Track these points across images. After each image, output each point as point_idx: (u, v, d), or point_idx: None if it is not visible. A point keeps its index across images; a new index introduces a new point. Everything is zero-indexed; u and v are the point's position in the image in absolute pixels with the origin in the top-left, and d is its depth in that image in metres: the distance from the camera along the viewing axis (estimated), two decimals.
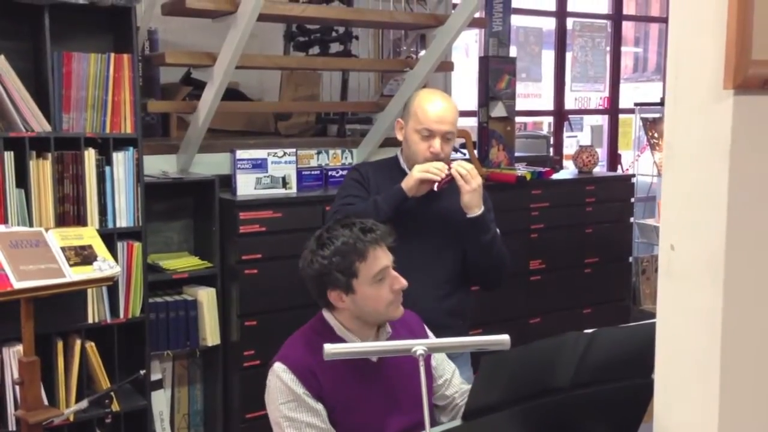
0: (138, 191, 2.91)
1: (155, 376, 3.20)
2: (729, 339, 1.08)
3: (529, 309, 3.93)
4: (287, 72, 3.94)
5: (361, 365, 1.88)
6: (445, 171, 2.25)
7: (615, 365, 1.48)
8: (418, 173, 2.25)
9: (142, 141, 2.92)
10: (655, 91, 6.40)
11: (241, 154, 3.28)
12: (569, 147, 5.64)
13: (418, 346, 1.48)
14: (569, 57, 5.70)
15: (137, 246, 2.93)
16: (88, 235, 2.56)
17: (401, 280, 1.90)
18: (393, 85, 4.04)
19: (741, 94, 1.05)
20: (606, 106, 6.01)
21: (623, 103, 5.98)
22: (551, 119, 5.76)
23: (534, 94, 5.88)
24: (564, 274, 4.04)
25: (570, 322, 3.79)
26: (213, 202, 3.19)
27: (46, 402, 2.61)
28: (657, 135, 5.07)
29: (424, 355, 1.46)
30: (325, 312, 1.95)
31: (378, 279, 1.86)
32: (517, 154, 4.26)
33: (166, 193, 3.27)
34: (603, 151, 5.88)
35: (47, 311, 2.59)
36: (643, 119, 5.22)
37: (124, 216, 2.89)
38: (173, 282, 3.20)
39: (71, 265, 2.41)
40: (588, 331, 1.41)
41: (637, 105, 5.41)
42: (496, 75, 4.01)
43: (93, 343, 2.86)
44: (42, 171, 2.72)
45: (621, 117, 5.99)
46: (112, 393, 2.77)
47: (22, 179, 2.68)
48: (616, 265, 4.30)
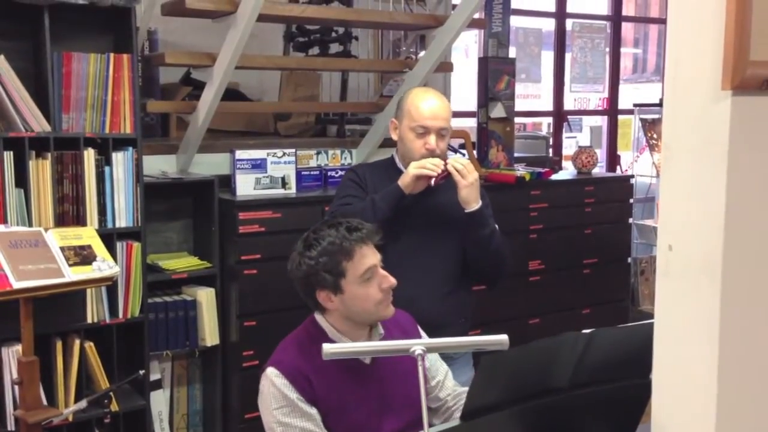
0: (137, 191, 2.91)
1: (154, 376, 3.20)
2: (726, 339, 1.08)
3: (528, 309, 3.93)
4: (287, 72, 3.94)
5: (354, 368, 1.87)
6: (441, 166, 2.24)
7: (613, 365, 1.48)
8: (414, 170, 2.25)
9: (141, 141, 2.93)
10: (655, 92, 6.40)
11: (241, 154, 3.28)
12: (568, 148, 5.64)
13: (416, 346, 1.48)
14: (568, 58, 5.70)
15: (136, 246, 2.93)
16: (87, 235, 2.56)
17: (390, 278, 1.89)
18: (392, 86, 4.04)
19: (739, 94, 1.05)
20: (605, 107, 6.01)
21: (622, 104, 5.98)
22: (550, 120, 5.76)
23: (533, 94, 5.88)
24: (563, 274, 4.04)
25: (569, 322, 3.79)
26: (212, 202, 3.20)
27: (45, 402, 2.61)
28: (656, 136, 5.07)
29: (423, 355, 1.46)
30: (317, 315, 1.94)
31: (366, 278, 1.85)
32: (517, 154, 4.27)
33: (165, 194, 3.27)
34: (602, 152, 5.88)
35: (46, 311, 2.59)
36: (642, 120, 5.22)
37: (123, 216, 2.89)
38: (172, 282, 3.20)
39: (70, 265, 2.41)
40: (586, 332, 1.41)
41: (636, 106, 5.42)
42: (495, 76, 4.01)
43: (92, 343, 2.86)
44: (41, 171, 2.72)
45: (620, 118, 5.99)
46: (111, 393, 2.76)
47: (21, 179, 2.68)
48: (615, 266, 4.30)
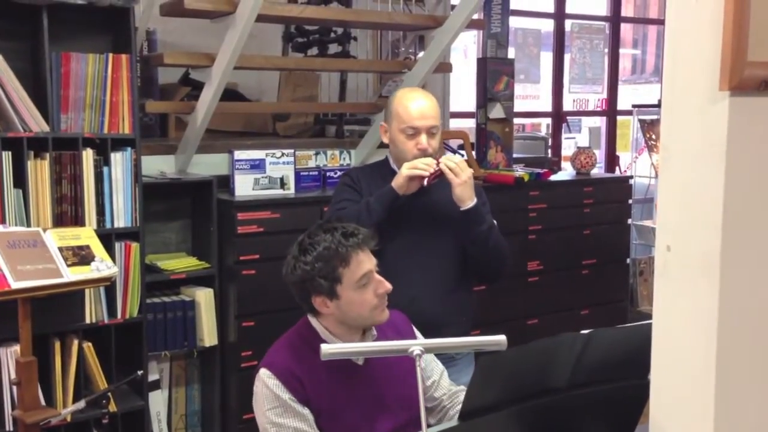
0: (136, 191, 2.91)
1: (152, 376, 3.20)
2: (724, 339, 1.08)
3: (527, 310, 3.93)
4: (286, 73, 3.94)
5: (347, 369, 1.87)
6: (434, 166, 2.24)
7: (611, 366, 1.48)
8: (406, 170, 2.24)
9: (140, 141, 2.93)
10: (653, 93, 6.40)
11: (240, 154, 3.28)
12: (567, 148, 5.64)
13: (415, 346, 1.48)
14: (567, 59, 5.71)
15: (135, 246, 2.93)
16: (85, 236, 2.56)
17: (385, 284, 1.88)
18: (391, 86, 4.04)
19: (737, 95, 1.05)
20: (604, 107, 6.02)
21: (621, 105, 5.98)
22: (549, 121, 5.76)
23: (532, 95, 5.88)
24: (562, 275, 4.04)
25: (568, 323, 3.79)
26: (211, 202, 3.19)
27: (43, 402, 2.60)
28: (655, 137, 5.08)
29: (421, 355, 1.46)
30: (310, 317, 1.93)
31: (362, 284, 1.84)
32: (515, 155, 4.27)
33: (164, 194, 3.27)
34: (601, 153, 5.88)
35: (45, 311, 2.59)
36: (641, 121, 5.23)
37: (121, 216, 2.89)
38: (171, 282, 3.20)
39: (69, 266, 2.41)
40: (584, 332, 1.41)
41: (635, 107, 5.42)
42: (494, 76, 4.01)
43: (90, 344, 2.85)
44: (40, 171, 2.72)
45: (619, 119, 5.99)
46: (109, 393, 2.76)
47: (19, 179, 2.68)
48: (613, 267, 4.30)
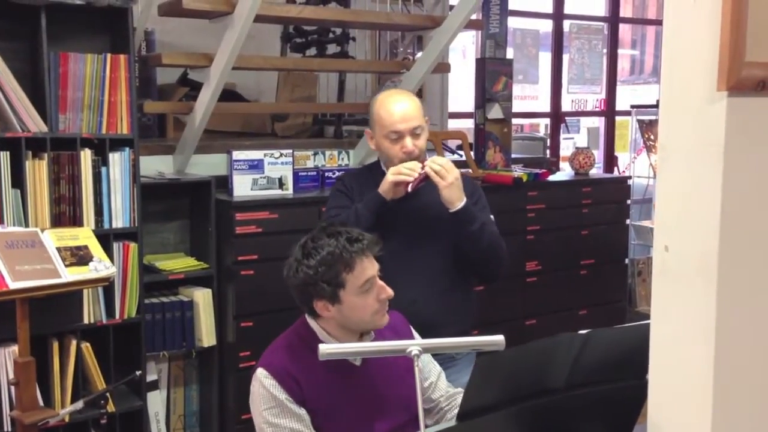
0: (134, 192, 2.91)
1: (151, 376, 3.20)
2: (722, 340, 1.08)
3: (525, 310, 3.94)
4: (284, 73, 3.94)
5: (345, 370, 1.87)
6: (418, 169, 2.22)
7: (609, 366, 1.48)
8: (390, 176, 2.23)
9: (138, 142, 2.92)
10: (652, 94, 6.41)
11: (238, 155, 3.28)
12: (566, 149, 5.65)
13: (413, 346, 1.48)
14: (566, 59, 5.71)
15: (133, 247, 2.92)
16: (83, 236, 2.55)
17: (387, 289, 1.88)
18: (390, 87, 4.04)
19: (734, 95, 1.05)
20: (603, 108, 6.02)
21: (620, 106, 5.99)
22: (548, 121, 5.77)
23: (531, 96, 5.89)
24: (560, 275, 4.04)
25: (566, 323, 3.79)
26: (209, 202, 3.19)
27: (41, 403, 2.60)
28: (653, 137, 5.08)
29: (419, 356, 1.46)
30: (309, 318, 1.93)
31: (365, 289, 1.84)
32: (514, 155, 4.27)
33: (162, 194, 3.27)
34: (599, 153, 5.88)
35: (43, 312, 2.58)
36: (640, 121, 5.23)
37: (120, 217, 2.89)
38: (169, 283, 3.20)
39: (67, 266, 2.41)
40: (582, 332, 1.41)
41: (634, 107, 5.42)
42: (492, 77, 4.01)
43: (88, 344, 2.85)
44: (38, 171, 2.72)
45: (618, 119, 5.99)
46: (107, 394, 2.76)
47: (18, 180, 2.68)
48: (612, 267, 4.30)
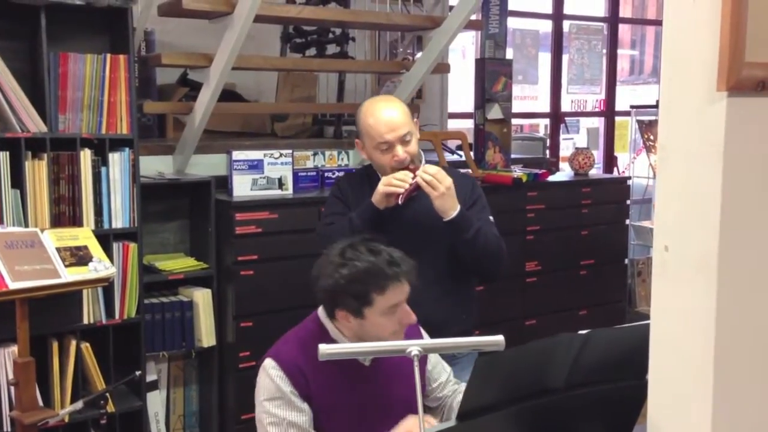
0: (134, 192, 2.91)
1: (151, 377, 3.20)
2: (722, 340, 1.08)
3: (525, 310, 3.93)
4: (284, 73, 3.94)
5: (354, 369, 1.87)
6: (409, 180, 2.20)
7: (609, 366, 1.48)
8: (381, 187, 2.22)
9: (138, 142, 2.92)
10: (652, 94, 6.41)
11: (238, 155, 3.28)
12: (565, 149, 5.65)
13: (413, 346, 1.48)
14: (566, 59, 5.71)
15: (133, 247, 2.92)
16: (83, 236, 2.55)
17: (412, 316, 1.87)
18: (389, 87, 4.04)
19: (734, 96, 1.05)
20: (602, 108, 6.02)
21: (619, 106, 5.99)
22: (547, 121, 5.77)
23: (530, 96, 5.89)
24: (560, 275, 4.04)
25: (566, 323, 3.79)
26: (209, 203, 3.19)
27: (41, 403, 2.60)
28: (653, 137, 5.08)
29: (419, 356, 1.45)
30: (323, 317, 1.93)
31: (391, 312, 1.84)
32: (514, 156, 4.27)
33: (162, 194, 3.27)
34: (599, 154, 5.88)
35: (42, 312, 2.58)
36: (639, 122, 5.23)
37: (119, 217, 2.89)
38: (169, 283, 3.20)
39: (66, 266, 2.41)
40: (582, 333, 1.41)
41: (633, 107, 5.42)
42: (492, 77, 4.01)
43: (88, 344, 2.85)
44: (38, 172, 2.71)
45: (617, 119, 6.00)
46: (107, 394, 2.76)
47: (17, 180, 2.68)
48: (611, 267, 4.30)
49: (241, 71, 3.51)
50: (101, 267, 2.49)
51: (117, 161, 2.87)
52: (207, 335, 3.19)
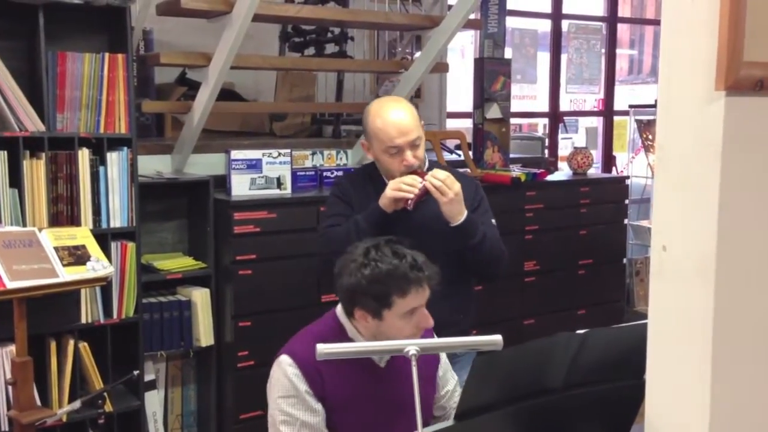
0: (132, 191, 2.90)
1: (149, 376, 3.19)
2: (720, 340, 1.08)
3: (524, 310, 3.94)
4: (282, 73, 3.94)
5: (369, 370, 1.88)
6: (418, 184, 2.19)
7: (607, 366, 1.48)
8: (390, 192, 2.21)
9: (136, 141, 2.92)
10: (650, 94, 6.41)
11: (236, 154, 3.28)
12: (564, 149, 5.65)
13: (410, 346, 1.48)
14: (564, 59, 5.71)
15: (131, 246, 2.92)
16: (81, 235, 2.55)
17: (430, 320, 1.86)
18: (388, 86, 4.05)
19: (733, 95, 1.05)
20: (601, 108, 6.02)
21: (618, 105, 5.99)
22: (546, 121, 5.77)
23: (529, 95, 5.90)
24: (558, 275, 4.04)
25: (564, 323, 3.79)
26: (207, 202, 3.19)
27: (38, 402, 2.60)
28: (651, 137, 5.08)
29: (416, 355, 1.46)
30: (341, 314, 1.92)
31: (409, 315, 1.83)
32: (512, 155, 4.27)
33: (160, 194, 3.27)
34: (598, 153, 5.89)
35: (40, 311, 2.58)
36: (638, 121, 5.23)
37: (118, 216, 2.88)
38: (167, 282, 3.19)
39: (64, 265, 2.41)
40: (580, 332, 1.41)
41: (632, 107, 5.43)
42: (491, 76, 4.01)
43: (86, 344, 2.85)
44: (36, 171, 2.71)
45: (616, 119, 6.00)
46: (105, 393, 2.76)
47: (15, 179, 2.67)
48: (610, 267, 4.30)
49: (240, 70, 3.51)
50: (99, 266, 2.48)
51: (115, 160, 2.87)
52: (205, 335, 3.19)
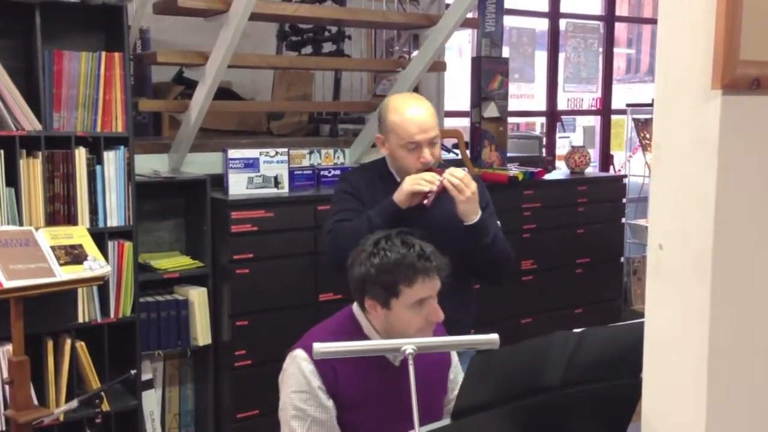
0: (129, 190, 2.90)
1: (146, 375, 3.19)
2: (716, 338, 1.08)
3: (521, 309, 3.94)
4: (280, 71, 3.93)
5: (383, 368, 1.88)
6: (436, 182, 2.19)
7: (604, 365, 1.48)
8: (408, 186, 2.21)
9: (133, 140, 2.92)
10: (648, 93, 6.43)
11: (233, 153, 3.27)
12: (561, 147, 5.65)
13: (407, 345, 1.48)
14: (562, 58, 5.71)
15: (128, 245, 2.92)
16: (78, 235, 2.55)
17: (440, 314, 1.86)
18: (386, 85, 4.04)
19: (729, 94, 1.05)
20: (598, 107, 6.03)
21: (616, 104, 6.00)
22: (544, 120, 5.77)
23: (526, 94, 5.90)
24: (556, 274, 4.04)
25: (561, 322, 3.79)
26: (204, 201, 3.19)
27: (35, 402, 2.60)
28: (649, 136, 5.09)
29: (413, 354, 1.46)
30: (357, 310, 1.94)
31: (417, 306, 1.83)
32: (510, 154, 4.28)
33: (157, 193, 3.26)
34: (595, 152, 5.89)
35: (37, 311, 2.58)
36: (635, 120, 5.24)
37: (114, 215, 2.88)
38: (164, 282, 3.19)
39: (61, 265, 2.41)
40: (577, 331, 1.41)
41: (629, 106, 5.43)
42: (488, 75, 4.01)
43: (83, 343, 2.85)
44: (32, 170, 2.71)
45: (613, 118, 6.00)
46: (102, 393, 2.75)
47: (12, 178, 2.67)
48: (607, 266, 4.31)
49: (237, 69, 3.50)
50: (96, 266, 2.48)
51: (112, 159, 2.86)
52: (202, 334, 3.19)
